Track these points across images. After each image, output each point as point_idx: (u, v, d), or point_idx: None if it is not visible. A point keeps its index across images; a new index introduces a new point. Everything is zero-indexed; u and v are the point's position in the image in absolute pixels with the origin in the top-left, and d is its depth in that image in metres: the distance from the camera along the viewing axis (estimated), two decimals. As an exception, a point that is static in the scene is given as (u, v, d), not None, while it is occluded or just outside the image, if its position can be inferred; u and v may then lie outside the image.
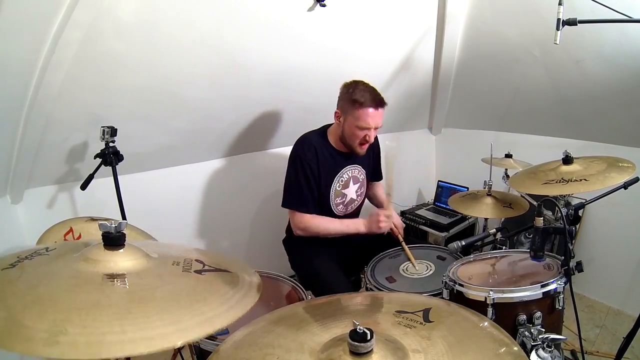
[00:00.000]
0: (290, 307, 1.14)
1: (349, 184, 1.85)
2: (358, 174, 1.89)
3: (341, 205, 1.86)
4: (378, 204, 2.09)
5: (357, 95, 1.63)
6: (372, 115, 1.64)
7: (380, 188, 2.11)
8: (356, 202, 1.92)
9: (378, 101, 1.65)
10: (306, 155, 1.72)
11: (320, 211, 1.80)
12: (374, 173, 2.03)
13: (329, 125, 1.84)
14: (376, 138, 1.97)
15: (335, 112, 1.75)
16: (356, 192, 1.90)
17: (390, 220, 1.77)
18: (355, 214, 1.97)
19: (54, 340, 0.57)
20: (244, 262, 0.97)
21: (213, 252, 1.01)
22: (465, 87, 2.74)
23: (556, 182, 1.42)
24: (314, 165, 1.73)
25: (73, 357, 0.57)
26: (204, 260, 0.88)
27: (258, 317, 1.01)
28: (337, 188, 1.82)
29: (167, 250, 0.91)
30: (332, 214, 1.84)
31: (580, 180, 1.39)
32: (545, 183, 1.45)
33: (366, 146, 1.75)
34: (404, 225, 1.90)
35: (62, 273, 0.72)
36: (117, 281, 0.71)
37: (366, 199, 2.04)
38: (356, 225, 1.78)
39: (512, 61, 2.34)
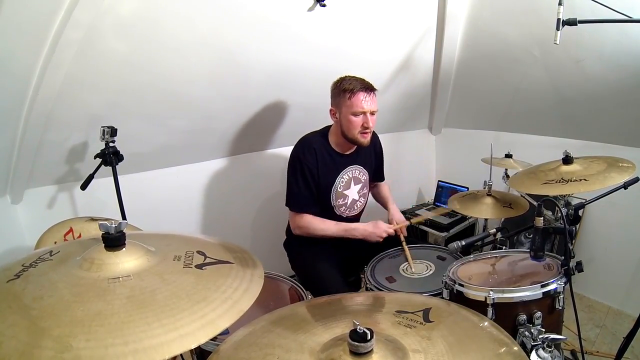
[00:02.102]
0: (290, 307, 1.14)
1: (350, 184, 1.85)
2: (359, 174, 1.88)
3: (344, 207, 1.86)
4: (382, 203, 2.09)
5: (346, 85, 1.67)
6: (364, 99, 1.66)
7: (384, 188, 2.10)
8: (359, 203, 1.92)
9: (367, 85, 1.69)
10: (305, 157, 1.73)
11: (323, 212, 1.80)
12: (376, 174, 2.03)
13: (330, 127, 1.84)
14: (377, 138, 1.98)
15: (330, 110, 1.76)
16: (358, 192, 1.89)
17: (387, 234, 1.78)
18: (358, 216, 1.97)
19: (60, 358, 0.58)
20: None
21: (214, 239, 1.00)
22: (465, 87, 2.74)
23: (556, 182, 1.42)
24: (313, 167, 1.73)
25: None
26: (206, 251, 0.88)
27: (258, 317, 1.01)
28: (339, 189, 1.82)
29: (168, 243, 0.91)
30: (336, 216, 1.84)
31: (580, 180, 1.39)
32: (545, 183, 1.45)
33: (368, 135, 1.74)
34: (408, 223, 1.89)
35: (64, 281, 0.72)
36: (118, 285, 0.72)
37: (370, 196, 2.03)
38: (353, 232, 1.77)
39: (512, 61, 2.34)
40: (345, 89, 1.67)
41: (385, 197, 2.08)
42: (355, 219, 1.94)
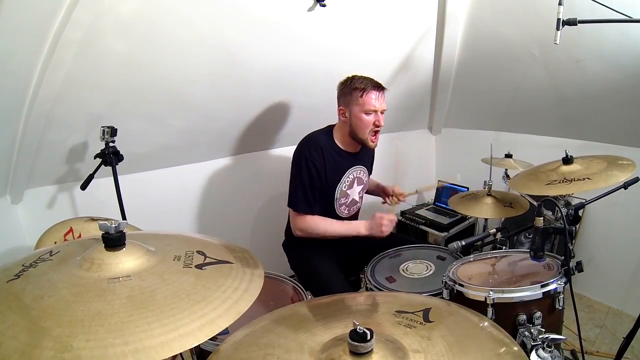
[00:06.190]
0: (290, 307, 1.13)
1: (353, 184, 1.85)
2: (362, 175, 1.88)
3: (344, 206, 1.86)
4: (373, 189, 2.11)
5: (357, 84, 1.67)
6: (376, 98, 1.67)
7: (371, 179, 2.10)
8: (358, 203, 1.92)
9: (378, 85, 1.70)
10: (312, 155, 1.70)
11: (324, 212, 1.78)
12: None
13: (333, 125, 1.83)
14: None
15: (340, 109, 1.74)
16: (359, 193, 1.90)
17: (392, 224, 1.76)
18: (355, 216, 1.97)
19: (60, 358, 0.58)
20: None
21: (214, 239, 1.00)
22: (465, 87, 2.74)
23: (559, 182, 1.42)
24: (320, 165, 1.70)
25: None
26: (206, 251, 0.88)
27: (258, 317, 1.01)
28: (343, 188, 1.81)
29: (168, 243, 0.91)
30: (336, 216, 1.83)
31: (584, 179, 1.38)
32: (549, 184, 1.44)
33: (377, 138, 1.74)
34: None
35: (65, 281, 0.72)
36: (118, 285, 0.72)
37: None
38: (357, 228, 1.76)
39: (512, 61, 2.34)
40: (357, 87, 1.66)
41: (374, 183, 2.10)
42: (354, 219, 1.93)
